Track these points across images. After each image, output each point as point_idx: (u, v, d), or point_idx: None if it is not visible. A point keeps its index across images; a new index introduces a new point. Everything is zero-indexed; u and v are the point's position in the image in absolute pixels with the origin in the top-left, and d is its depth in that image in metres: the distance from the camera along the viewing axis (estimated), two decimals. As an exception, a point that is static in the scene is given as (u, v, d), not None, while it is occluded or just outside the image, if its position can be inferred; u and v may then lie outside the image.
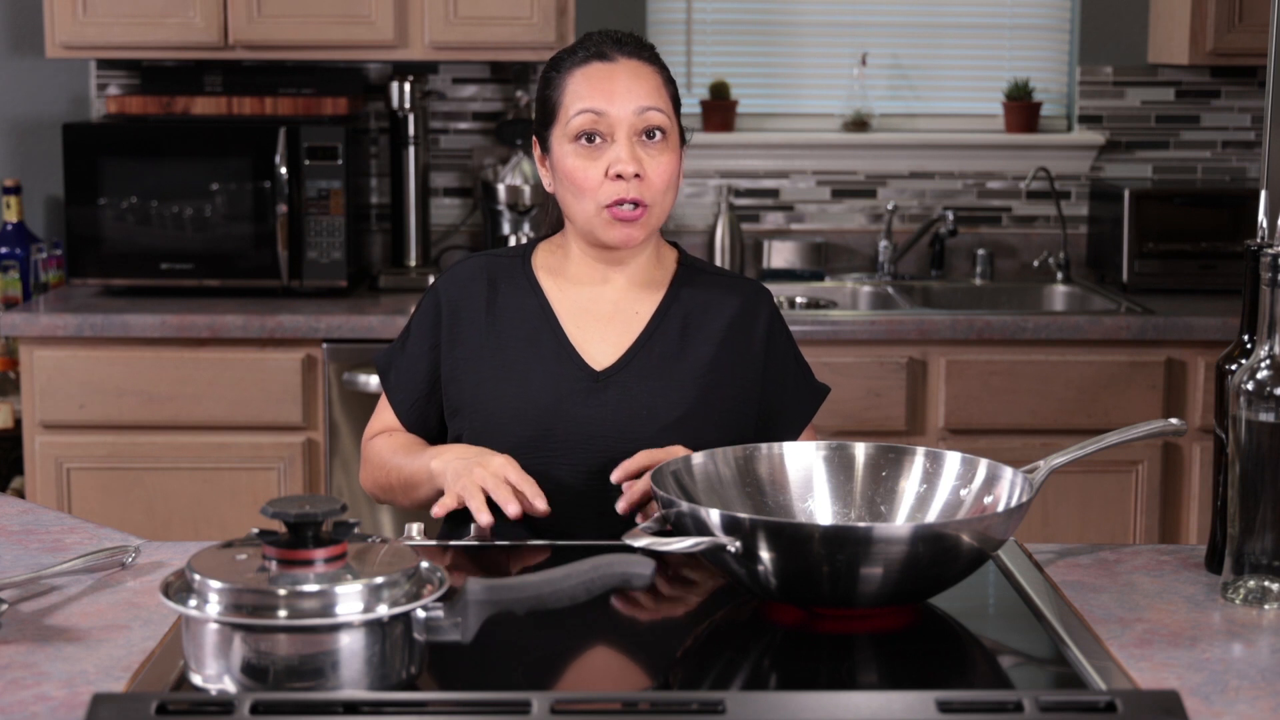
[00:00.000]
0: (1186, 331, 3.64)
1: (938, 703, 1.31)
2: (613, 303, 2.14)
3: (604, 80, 2.07)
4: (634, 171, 2.04)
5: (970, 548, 1.63)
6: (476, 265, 2.19)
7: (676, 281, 2.17)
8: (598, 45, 2.10)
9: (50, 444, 3.63)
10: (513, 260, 2.19)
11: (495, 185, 4.03)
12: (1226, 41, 3.94)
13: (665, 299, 2.15)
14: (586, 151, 2.06)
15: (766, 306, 2.20)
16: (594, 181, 2.06)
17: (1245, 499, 1.68)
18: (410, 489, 2.10)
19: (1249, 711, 1.43)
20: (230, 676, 1.39)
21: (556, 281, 2.16)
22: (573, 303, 2.14)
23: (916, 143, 4.28)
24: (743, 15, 4.29)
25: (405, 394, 2.17)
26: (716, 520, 1.61)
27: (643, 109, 2.06)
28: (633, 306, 2.15)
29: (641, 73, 2.09)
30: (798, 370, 2.21)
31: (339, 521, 1.45)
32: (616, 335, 2.13)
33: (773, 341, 2.18)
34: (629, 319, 2.14)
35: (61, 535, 1.95)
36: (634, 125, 2.06)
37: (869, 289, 4.14)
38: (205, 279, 3.78)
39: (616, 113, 2.05)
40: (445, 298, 2.16)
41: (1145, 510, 3.67)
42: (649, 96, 2.07)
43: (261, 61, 3.99)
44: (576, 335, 2.12)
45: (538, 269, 2.17)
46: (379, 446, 2.18)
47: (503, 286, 2.15)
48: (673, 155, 2.09)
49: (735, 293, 2.18)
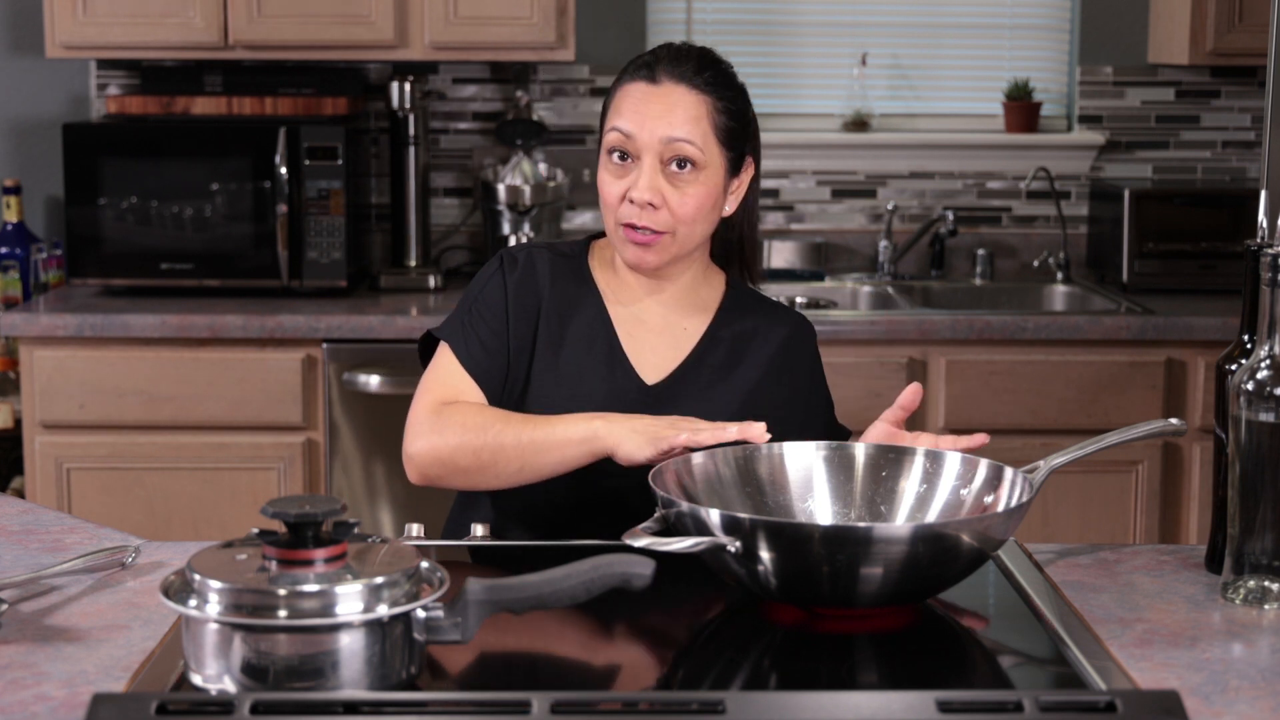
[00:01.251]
0: (1186, 331, 3.64)
1: (938, 703, 1.31)
2: (663, 317, 2.13)
3: (641, 102, 2.05)
4: (648, 200, 2.02)
5: (970, 548, 1.63)
6: (540, 252, 2.14)
7: (725, 305, 2.16)
8: (651, 63, 2.07)
9: (50, 444, 3.63)
10: (573, 259, 2.16)
11: (495, 185, 4.03)
12: (1226, 41, 3.94)
13: (715, 321, 2.15)
14: (616, 168, 2.06)
15: (812, 342, 2.21)
16: (614, 198, 2.05)
17: (1245, 499, 1.68)
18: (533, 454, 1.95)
19: (1249, 711, 1.43)
20: (230, 676, 1.39)
21: (612, 287, 2.15)
22: (627, 311, 2.13)
23: (916, 143, 4.28)
24: (743, 15, 4.28)
25: (480, 363, 2.05)
26: (716, 520, 1.61)
27: (670, 139, 2.03)
28: (682, 323, 2.14)
29: (682, 101, 2.04)
30: (828, 410, 2.21)
31: (339, 521, 1.45)
32: (667, 350, 2.12)
33: (813, 377, 2.19)
34: (679, 335, 2.13)
35: (61, 535, 1.95)
36: (660, 153, 2.03)
37: (869, 289, 4.14)
38: (205, 279, 3.78)
39: (644, 138, 2.03)
40: (511, 277, 2.11)
41: (1145, 510, 3.67)
42: (680, 126, 2.03)
43: (261, 61, 3.99)
44: (629, 345, 2.11)
45: (594, 269, 2.16)
46: (467, 411, 2.00)
47: (562, 281, 2.13)
48: (701, 188, 2.04)
49: (783, 323, 2.18)
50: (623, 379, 2.08)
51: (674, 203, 2.03)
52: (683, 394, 2.08)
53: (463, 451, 1.97)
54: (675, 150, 2.03)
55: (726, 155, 2.08)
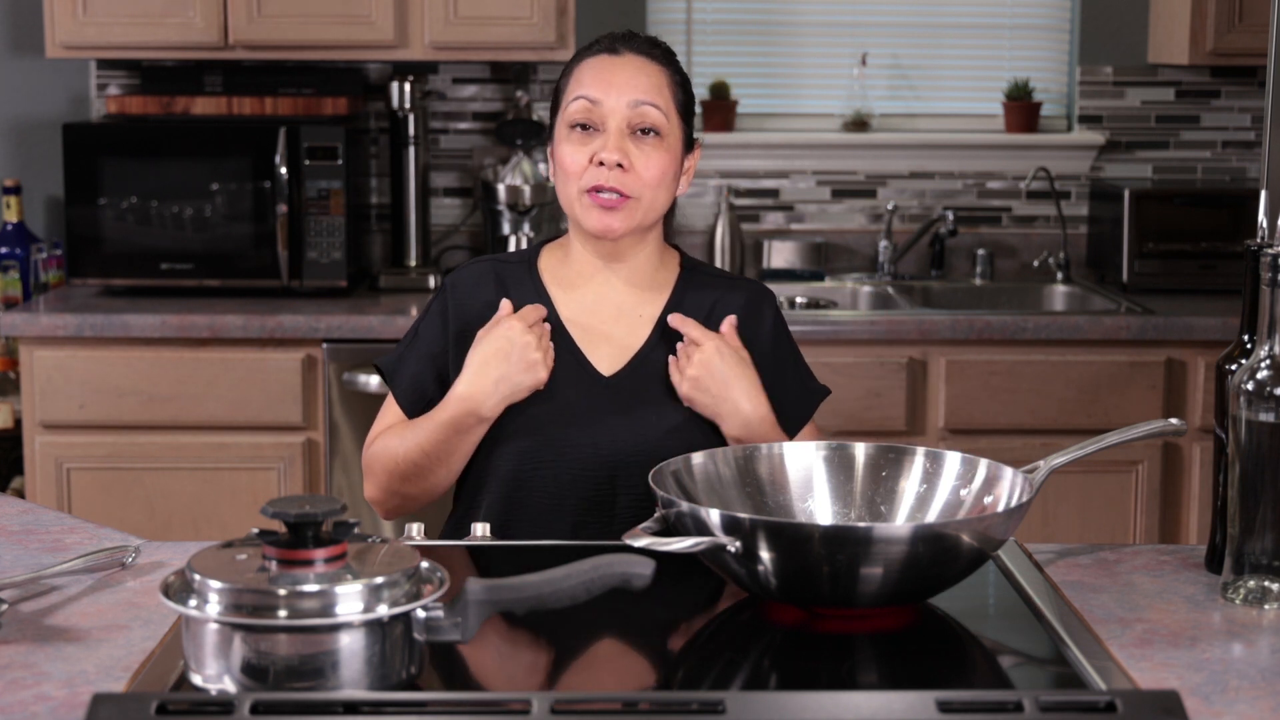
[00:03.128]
0: (1186, 331, 3.64)
1: (938, 703, 1.31)
2: (617, 306, 2.14)
3: (605, 71, 2.08)
4: (616, 160, 2.04)
5: (970, 548, 1.62)
6: (484, 269, 2.18)
7: (680, 284, 2.17)
8: (610, 40, 2.13)
9: (50, 444, 3.63)
10: (519, 265, 2.18)
11: (495, 185, 4.03)
12: (1226, 41, 3.94)
13: (670, 301, 2.15)
14: (579, 138, 2.08)
15: (770, 306, 2.20)
16: (579, 166, 2.07)
17: (1245, 499, 1.68)
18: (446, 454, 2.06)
19: (1249, 711, 1.43)
20: (230, 676, 1.39)
21: (562, 286, 2.15)
22: (579, 307, 2.14)
23: (916, 143, 4.28)
24: (743, 15, 4.29)
25: (413, 395, 2.15)
26: (716, 520, 1.61)
27: (637, 102, 2.06)
28: (637, 309, 2.14)
29: (645, 69, 2.09)
30: (798, 371, 2.21)
31: (339, 521, 1.45)
32: (622, 339, 2.13)
33: (777, 342, 2.18)
34: (634, 322, 2.14)
35: (61, 535, 1.95)
36: (627, 118, 2.06)
37: (869, 289, 4.14)
38: (205, 279, 3.78)
39: (611, 103, 2.06)
40: (453, 301, 2.15)
41: (1145, 510, 3.67)
42: (646, 92, 2.07)
43: (261, 61, 3.99)
44: (583, 340, 2.12)
45: (543, 273, 2.17)
46: (385, 442, 2.11)
47: (511, 291, 2.15)
48: (666, 154, 2.08)
49: (739, 293, 2.18)
50: (579, 376, 2.09)
51: (640, 166, 2.06)
52: (641, 381, 2.09)
53: (393, 480, 2.11)
54: (641, 115, 2.07)
55: (683, 129, 2.12)
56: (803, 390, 2.20)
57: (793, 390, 2.18)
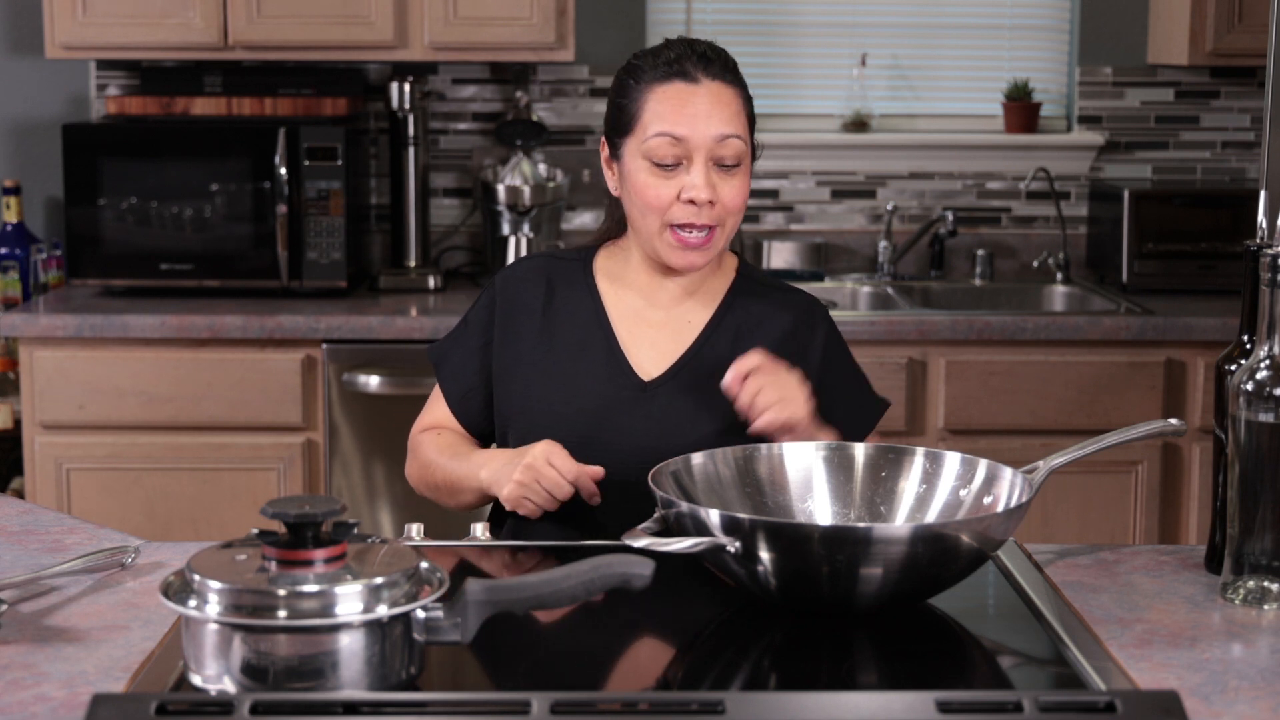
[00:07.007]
0: (1186, 332, 3.64)
1: (938, 703, 1.31)
2: (666, 310, 2.14)
3: (685, 105, 2.03)
4: (708, 199, 2.03)
5: (970, 548, 1.63)
6: (537, 265, 2.18)
7: (733, 291, 2.16)
8: (681, 62, 2.06)
9: (50, 444, 3.63)
10: (573, 262, 2.18)
11: (495, 186, 4.03)
12: (1226, 42, 3.94)
13: (719, 309, 2.14)
14: (662, 172, 2.04)
15: (824, 322, 2.18)
16: (665, 201, 2.04)
17: (1245, 499, 1.68)
18: (455, 492, 2.13)
19: (1249, 711, 1.43)
20: (230, 677, 1.39)
21: (614, 286, 2.15)
22: (628, 308, 2.14)
23: (916, 143, 4.28)
24: (743, 15, 4.29)
25: (458, 386, 2.18)
26: (716, 520, 1.61)
27: (723, 136, 2.03)
28: (686, 315, 2.14)
29: (724, 97, 2.05)
30: (856, 384, 2.20)
31: (339, 522, 1.45)
32: (667, 344, 2.12)
33: (829, 357, 2.17)
34: (681, 328, 2.13)
35: (61, 535, 1.95)
36: (712, 151, 2.03)
37: (869, 289, 4.14)
38: (205, 279, 3.78)
39: (696, 140, 2.03)
40: (502, 295, 2.16)
41: (1145, 510, 3.67)
42: (729, 123, 2.04)
43: (261, 62, 3.99)
44: (628, 342, 2.12)
45: (598, 273, 2.17)
46: (426, 443, 2.18)
47: (560, 288, 2.15)
48: (745, 178, 2.07)
49: (790, 307, 2.17)
50: (620, 377, 2.09)
51: (725, 196, 2.05)
52: (680, 386, 2.09)
53: (421, 482, 2.21)
54: (726, 146, 2.04)
55: (751, 144, 2.11)
56: (861, 404, 2.19)
57: (851, 404, 2.16)
